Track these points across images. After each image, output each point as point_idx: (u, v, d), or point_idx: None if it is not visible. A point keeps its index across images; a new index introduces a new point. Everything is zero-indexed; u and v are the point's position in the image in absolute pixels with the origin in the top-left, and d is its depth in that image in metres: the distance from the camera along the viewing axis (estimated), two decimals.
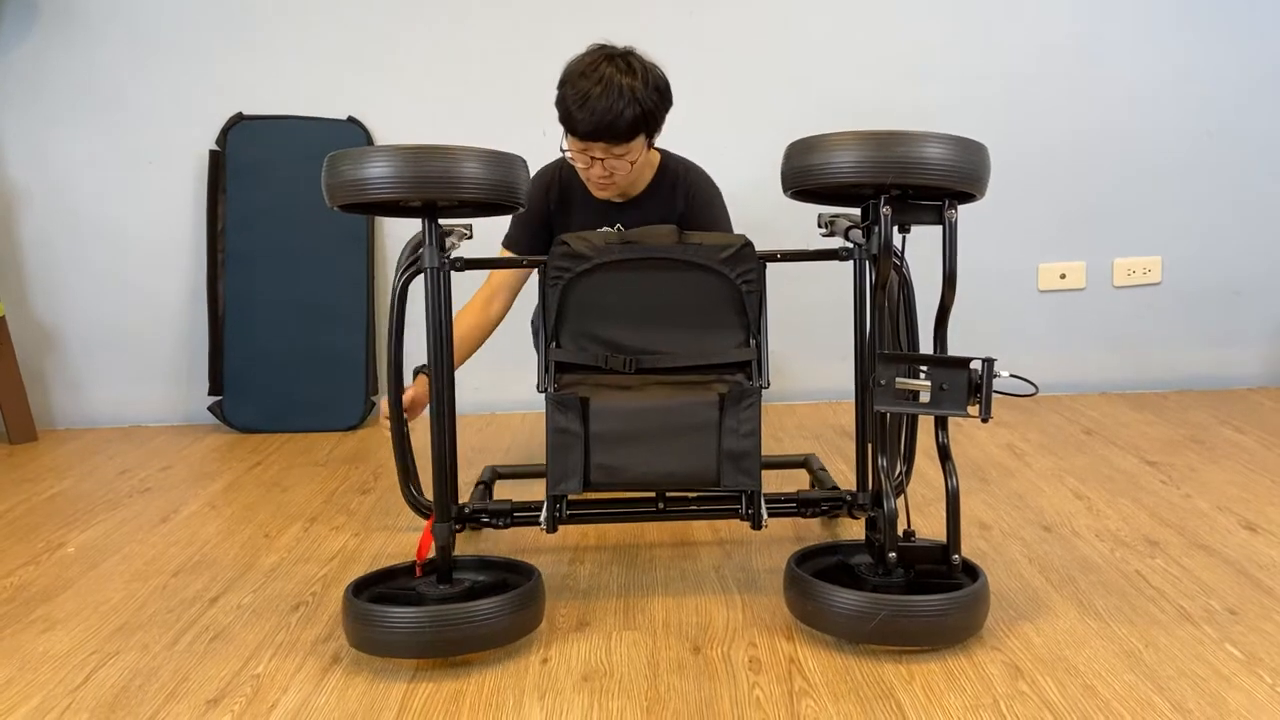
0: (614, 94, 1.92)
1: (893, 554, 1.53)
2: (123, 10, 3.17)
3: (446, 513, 1.60)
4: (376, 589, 1.60)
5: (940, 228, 1.54)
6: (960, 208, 1.54)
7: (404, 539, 2.08)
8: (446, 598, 1.56)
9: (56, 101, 3.21)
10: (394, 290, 1.74)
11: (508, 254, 2.31)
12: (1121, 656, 1.45)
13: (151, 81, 3.21)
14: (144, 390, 3.34)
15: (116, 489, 2.56)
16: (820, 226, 1.83)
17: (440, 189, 1.47)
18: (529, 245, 2.28)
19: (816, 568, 1.62)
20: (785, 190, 1.59)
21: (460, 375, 2.10)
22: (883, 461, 1.58)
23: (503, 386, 3.23)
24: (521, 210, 1.69)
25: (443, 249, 1.65)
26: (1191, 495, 2.15)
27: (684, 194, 2.22)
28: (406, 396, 2.10)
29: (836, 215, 1.81)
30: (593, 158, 2.02)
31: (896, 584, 1.55)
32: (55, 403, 3.36)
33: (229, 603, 1.78)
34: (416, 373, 2.17)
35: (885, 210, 1.50)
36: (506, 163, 1.53)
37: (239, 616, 1.72)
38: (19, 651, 1.62)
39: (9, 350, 3.14)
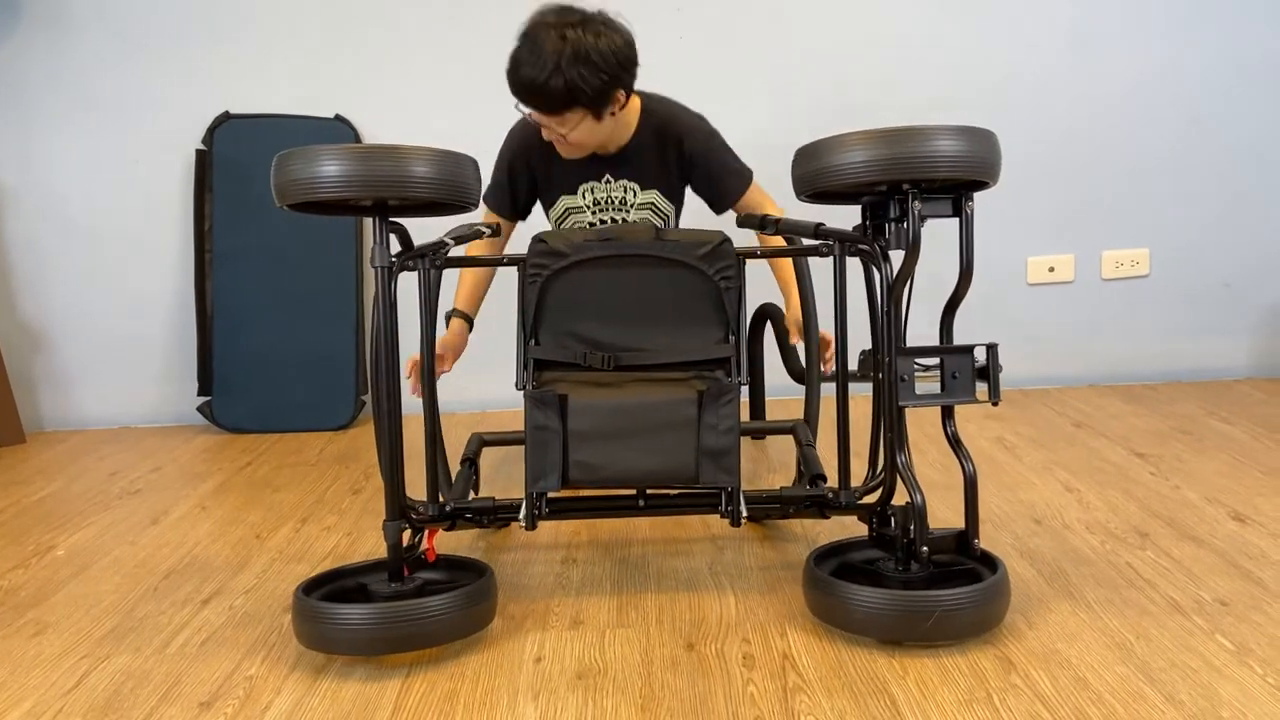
0: (540, 64, 1.89)
1: (925, 549, 1.54)
2: (107, 9, 3.16)
3: (397, 511, 1.61)
4: (328, 588, 1.61)
5: (935, 221, 1.55)
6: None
7: None
8: (397, 595, 1.57)
9: (41, 101, 3.20)
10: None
11: (488, 213, 2.31)
12: (1113, 648, 1.46)
13: (137, 80, 3.19)
14: (133, 391, 3.33)
15: (106, 491, 2.55)
16: (764, 228, 1.82)
17: (390, 188, 1.47)
18: (510, 204, 2.29)
19: (832, 568, 1.62)
20: (799, 194, 1.61)
21: (447, 375, 2.11)
22: (903, 457, 1.58)
23: (493, 384, 3.23)
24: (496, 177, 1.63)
25: (410, 246, 1.65)
26: (1181, 487, 2.16)
27: (675, 143, 2.20)
28: (440, 344, 2.10)
29: (780, 219, 1.81)
30: (536, 118, 2.02)
31: (920, 578, 1.56)
32: (43, 404, 3.34)
33: (221, 604, 1.78)
34: (449, 317, 2.19)
35: (917, 205, 1.52)
36: (457, 162, 1.54)
37: (231, 618, 1.71)
38: (10, 655, 1.61)
39: None
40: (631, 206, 2.23)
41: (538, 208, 2.35)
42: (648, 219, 2.24)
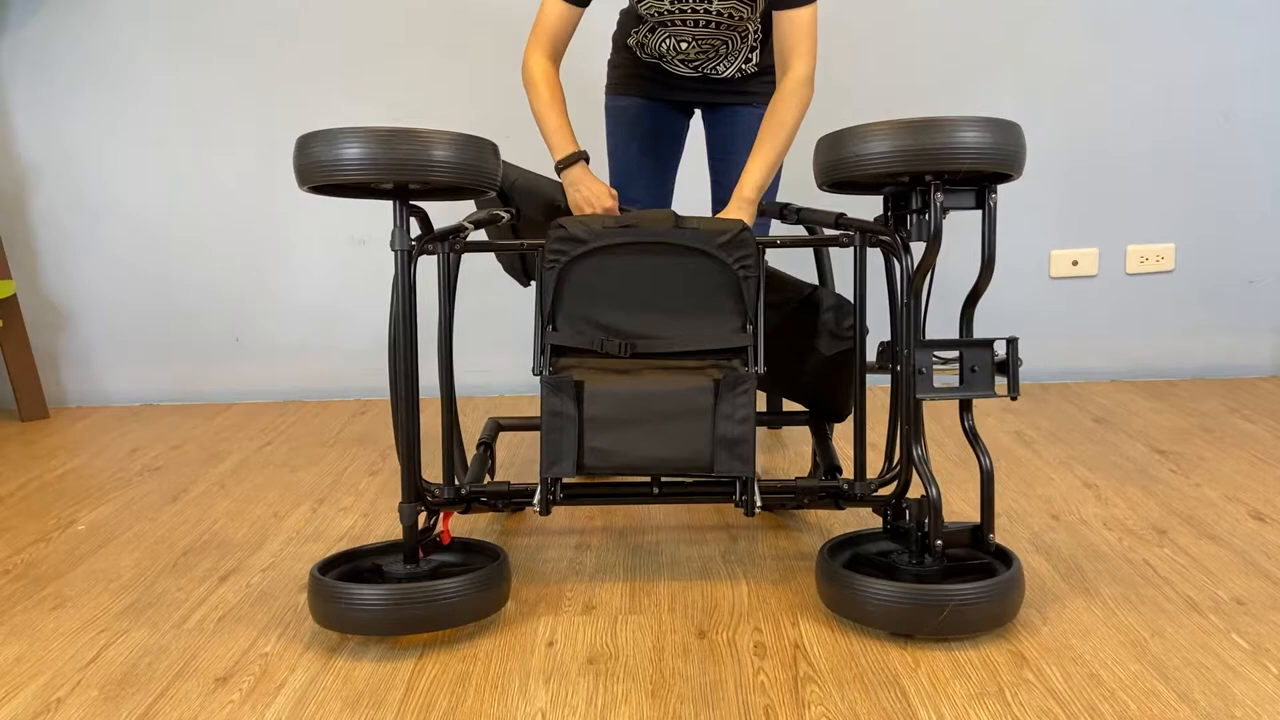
0: None
1: (939, 541, 1.54)
2: None
3: (413, 493, 1.62)
4: (343, 568, 1.63)
5: (961, 212, 1.54)
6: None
7: None
8: (411, 576, 1.59)
9: (67, 79, 3.22)
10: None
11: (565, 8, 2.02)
12: (1127, 645, 1.45)
13: (160, 60, 3.20)
14: (155, 369, 3.35)
15: (127, 467, 2.58)
16: (785, 218, 1.84)
17: (412, 172, 1.48)
18: None
19: (845, 559, 1.63)
20: (820, 183, 1.60)
21: (467, 359, 2.12)
22: (919, 450, 1.58)
23: (510, 369, 3.24)
24: None
25: (430, 230, 1.65)
26: (1200, 484, 2.15)
27: None
28: (593, 197, 1.93)
29: (800, 209, 1.84)
30: None
31: (934, 572, 1.56)
32: (67, 381, 3.37)
33: (238, 582, 1.79)
34: (567, 165, 1.94)
35: (938, 196, 1.51)
36: (478, 146, 1.54)
37: (248, 596, 1.73)
38: (30, 628, 1.63)
39: (20, 328, 3.16)
40: None
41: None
42: (732, 7, 2.07)
